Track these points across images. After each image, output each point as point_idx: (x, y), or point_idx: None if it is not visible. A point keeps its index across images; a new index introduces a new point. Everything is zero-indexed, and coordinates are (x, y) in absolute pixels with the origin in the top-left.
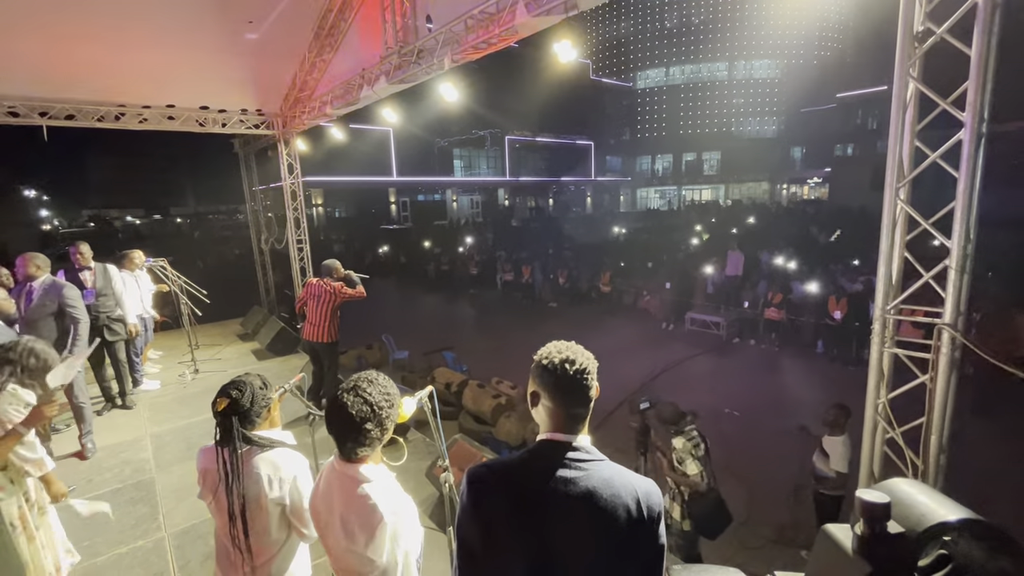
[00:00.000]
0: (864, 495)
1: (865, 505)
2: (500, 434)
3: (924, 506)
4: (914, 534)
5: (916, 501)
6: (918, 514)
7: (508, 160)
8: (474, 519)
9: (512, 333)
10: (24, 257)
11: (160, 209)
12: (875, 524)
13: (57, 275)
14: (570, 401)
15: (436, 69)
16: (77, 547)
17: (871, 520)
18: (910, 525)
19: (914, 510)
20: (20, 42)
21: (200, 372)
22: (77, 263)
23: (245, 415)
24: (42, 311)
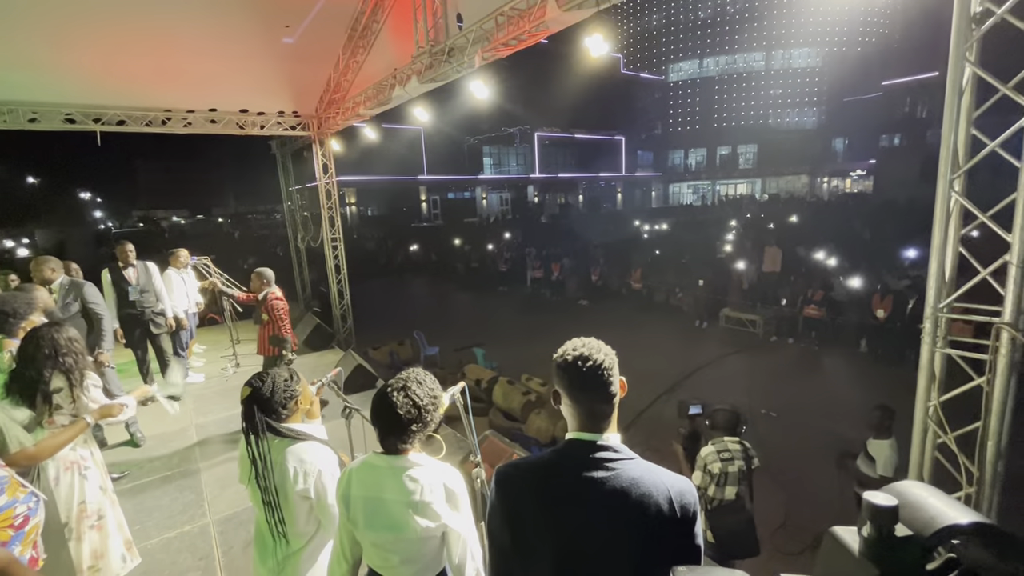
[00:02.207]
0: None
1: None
2: (530, 431)
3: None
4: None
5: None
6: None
7: (537, 157)
8: (503, 517)
9: (542, 330)
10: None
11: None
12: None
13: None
14: (588, 398)
15: (467, 67)
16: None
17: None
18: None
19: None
20: (77, 54)
21: (241, 366)
22: (123, 261)
23: (267, 404)
24: (67, 311)
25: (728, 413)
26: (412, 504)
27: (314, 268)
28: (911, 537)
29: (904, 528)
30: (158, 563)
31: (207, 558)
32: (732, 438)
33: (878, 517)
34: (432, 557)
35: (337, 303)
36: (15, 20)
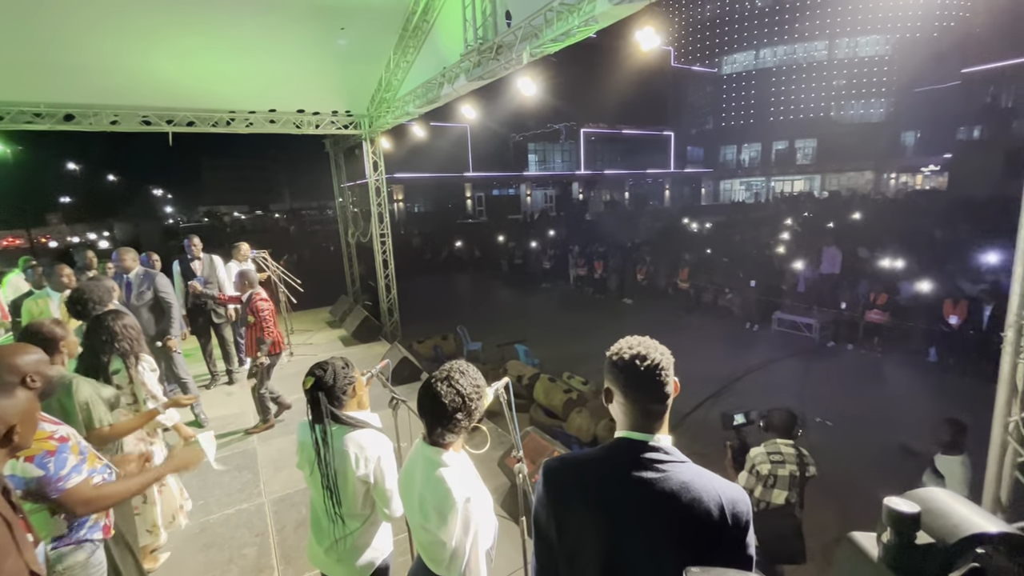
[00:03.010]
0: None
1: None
2: (571, 429)
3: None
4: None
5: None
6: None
7: (583, 153)
8: (549, 511)
9: (585, 329)
10: (121, 252)
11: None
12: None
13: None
14: (643, 398)
15: (515, 64)
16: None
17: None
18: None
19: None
20: (154, 59)
21: (294, 355)
22: (190, 253)
23: (330, 392)
24: (142, 299)
25: (784, 414)
26: (429, 501)
27: (363, 263)
28: (933, 545)
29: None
30: (219, 536)
31: (262, 535)
32: (786, 441)
33: (900, 523)
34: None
35: (384, 297)
36: (102, 31)
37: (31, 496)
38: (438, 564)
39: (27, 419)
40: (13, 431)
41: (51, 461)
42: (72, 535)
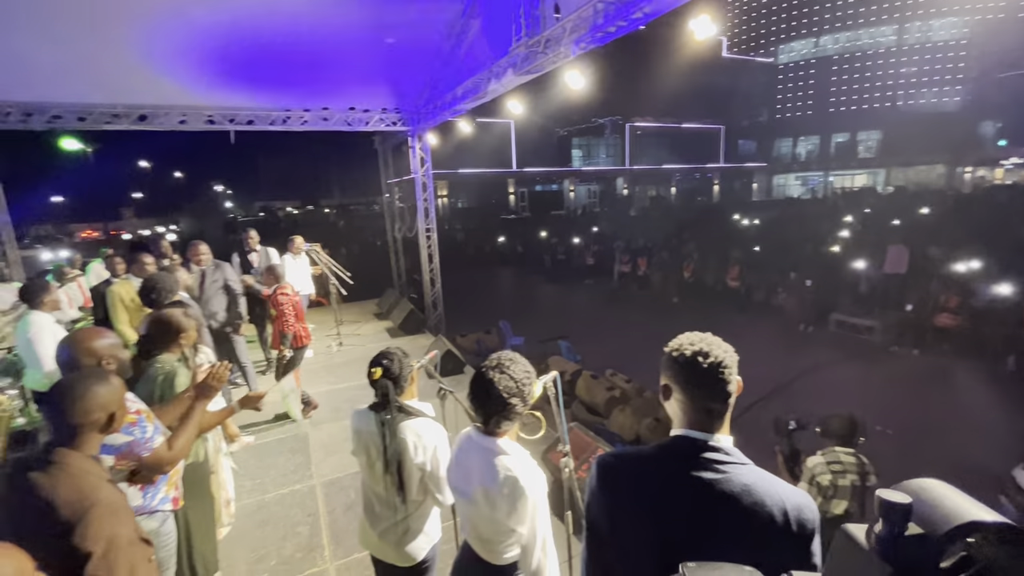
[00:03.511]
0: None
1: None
2: (613, 426)
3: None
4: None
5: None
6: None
7: (628, 148)
8: (602, 506)
9: (629, 326)
10: (195, 244)
11: (312, 201)
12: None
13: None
14: (704, 396)
15: (563, 57)
16: (251, 486)
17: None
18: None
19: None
20: (217, 61)
21: (344, 345)
22: (248, 246)
23: (396, 381)
24: (214, 287)
25: (845, 420)
26: (487, 489)
27: (408, 257)
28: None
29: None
30: (274, 515)
31: (314, 515)
32: (845, 449)
33: (891, 514)
34: (503, 545)
35: (429, 290)
36: (174, 37)
37: (124, 459)
38: (498, 554)
39: (123, 404)
40: (113, 417)
41: (135, 428)
42: (146, 505)
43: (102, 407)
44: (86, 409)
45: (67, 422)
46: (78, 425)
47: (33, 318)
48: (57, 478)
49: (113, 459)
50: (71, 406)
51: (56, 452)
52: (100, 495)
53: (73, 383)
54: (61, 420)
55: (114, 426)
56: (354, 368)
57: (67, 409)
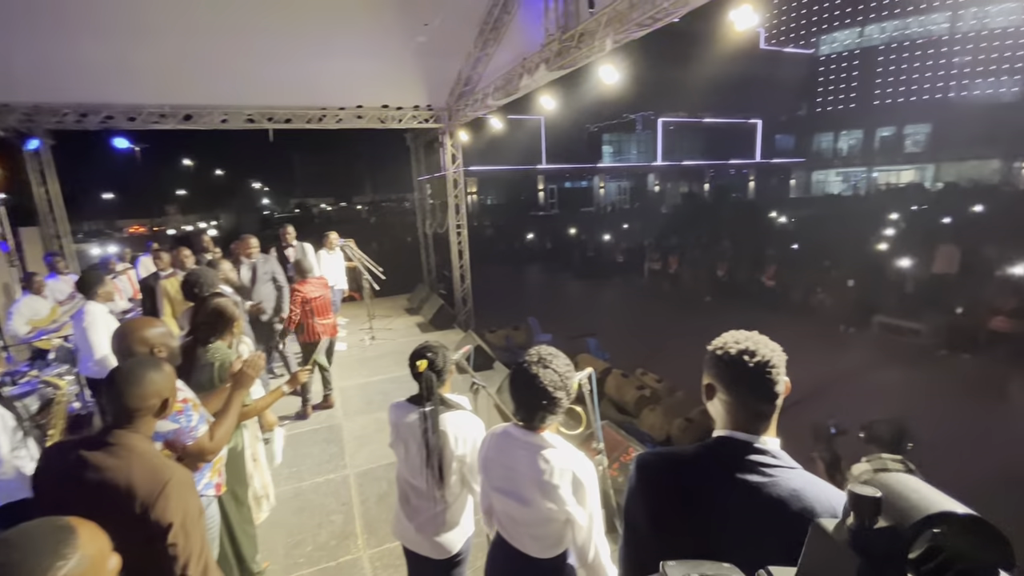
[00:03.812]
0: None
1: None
2: (643, 426)
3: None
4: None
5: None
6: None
7: (660, 143)
8: (642, 505)
9: (659, 325)
10: (245, 238)
11: (345, 198)
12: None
13: (269, 251)
14: (750, 397)
15: (597, 51)
16: (288, 473)
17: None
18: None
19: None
20: (258, 61)
21: (376, 339)
22: (284, 241)
23: (439, 374)
24: (264, 279)
25: (891, 426)
26: (540, 484)
27: (438, 253)
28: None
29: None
30: (310, 502)
31: (348, 504)
32: (893, 456)
33: (861, 507)
34: (555, 538)
35: (459, 286)
36: (218, 39)
37: (170, 446)
38: (551, 547)
39: (174, 391)
40: (167, 403)
41: (182, 417)
42: None
43: (157, 393)
44: (143, 394)
45: (125, 406)
46: (136, 409)
47: (88, 308)
48: (129, 460)
49: (160, 445)
50: (129, 391)
51: (116, 434)
52: (173, 471)
53: (131, 370)
54: (120, 404)
55: (167, 412)
56: (386, 362)
57: (125, 394)
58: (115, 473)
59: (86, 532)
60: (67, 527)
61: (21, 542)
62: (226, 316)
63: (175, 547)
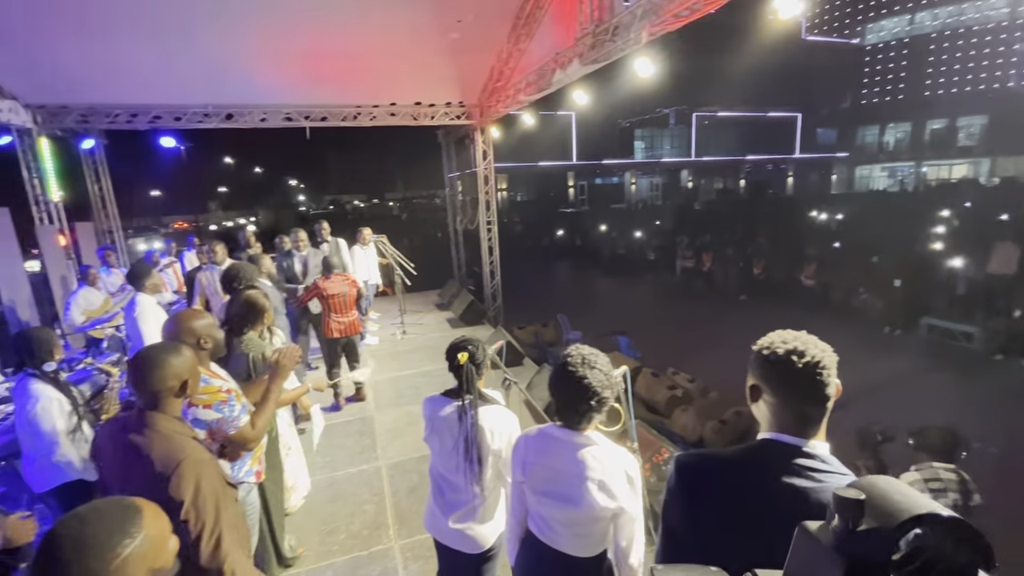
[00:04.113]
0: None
1: (840, 501)
2: (674, 426)
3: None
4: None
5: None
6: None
7: (694, 138)
8: (682, 508)
9: (692, 325)
10: (296, 231)
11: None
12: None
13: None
14: (799, 399)
15: (632, 44)
16: (323, 462)
17: (845, 516)
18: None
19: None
20: (296, 63)
21: (407, 334)
22: (320, 236)
23: (478, 367)
24: (315, 271)
25: (943, 433)
26: (593, 481)
27: (468, 249)
28: (877, 529)
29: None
30: (343, 492)
31: (379, 495)
32: (945, 465)
33: (845, 510)
34: (599, 537)
35: (488, 282)
36: (259, 40)
37: (213, 435)
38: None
39: (195, 373)
40: (186, 384)
41: (225, 407)
42: (234, 476)
43: (176, 375)
44: (162, 377)
45: (148, 388)
46: (157, 391)
47: (139, 299)
48: (151, 438)
49: (205, 433)
50: (149, 375)
51: (145, 415)
52: (187, 451)
53: (148, 355)
54: (143, 387)
55: (188, 392)
56: (417, 356)
57: (146, 377)
58: (140, 450)
59: (150, 513)
60: (134, 507)
61: (93, 518)
62: (257, 307)
63: (187, 523)
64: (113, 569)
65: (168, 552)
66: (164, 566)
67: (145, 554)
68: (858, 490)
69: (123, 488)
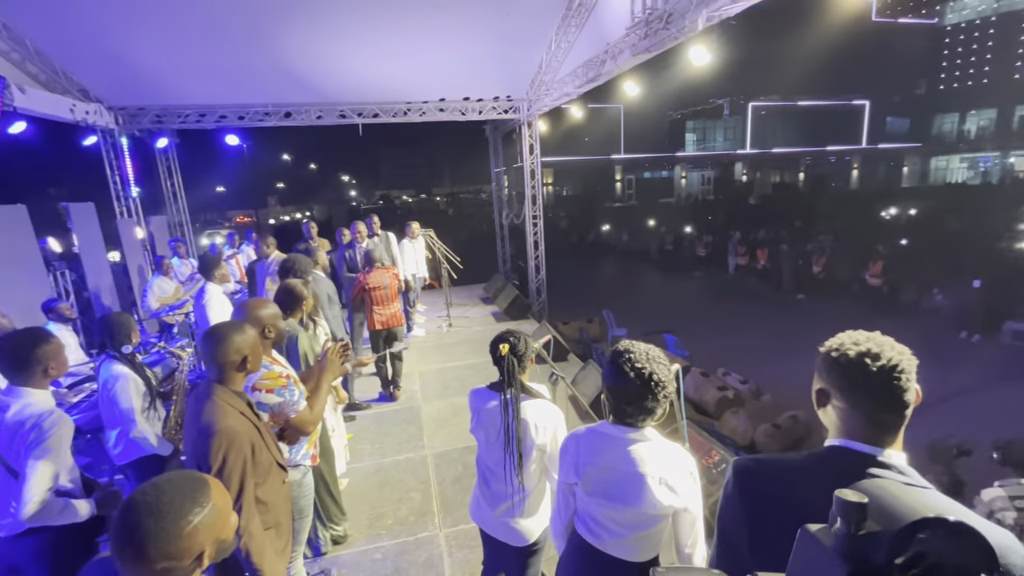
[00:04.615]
0: (842, 495)
1: (843, 504)
2: (724, 428)
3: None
4: (890, 533)
5: (894, 501)
6: (895, 513)
7: (750, 129)
8: (741, 515)
9: (744, 324)
10: (355, 224)
11: (425, 190)
12: (852, 523)
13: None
14: (873, 405)
15: (687, 32)
16: (371, 449)
17: (848, 519)
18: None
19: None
20: (349, 61)
21: (453, 327)
22: (371, 230)
23: (520, 360)
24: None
25: None
26: (654, 480)
27: (513, 243)
28: (880, 532)
29: (874, 524)
30: (391, 478)
31: (425, 483)
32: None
33: (848, 514)
34: (656, 539)
35: (533, 277)
36: (316, 42)
37: (275, 418)
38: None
39: (255, 351)
40: (246, 360)
41: (286, 391)
42: (292, 459)
43: (237, 351)
44: (225, 352)
45: (215, 361)
46: (222, 364)
47: (207, 288)
48: (206, 406)
49: (267, 416)
50: (216, 349)
51: (209, 386)
52: (225, 421)
53: (215, 331)
54: (210, 360)
55: (249, 367)
56: (463, 349)
57: (212, 352)
58: (197, 417)
59: (216, 486)
60: (203, 480)
61: (168, 487)
62: (295, 295)
63: None
64: (185, 535)
65: (230, 526)
66: (227, 538)
67: (212, 524)
68: (861, 493)
69: (188, 451)
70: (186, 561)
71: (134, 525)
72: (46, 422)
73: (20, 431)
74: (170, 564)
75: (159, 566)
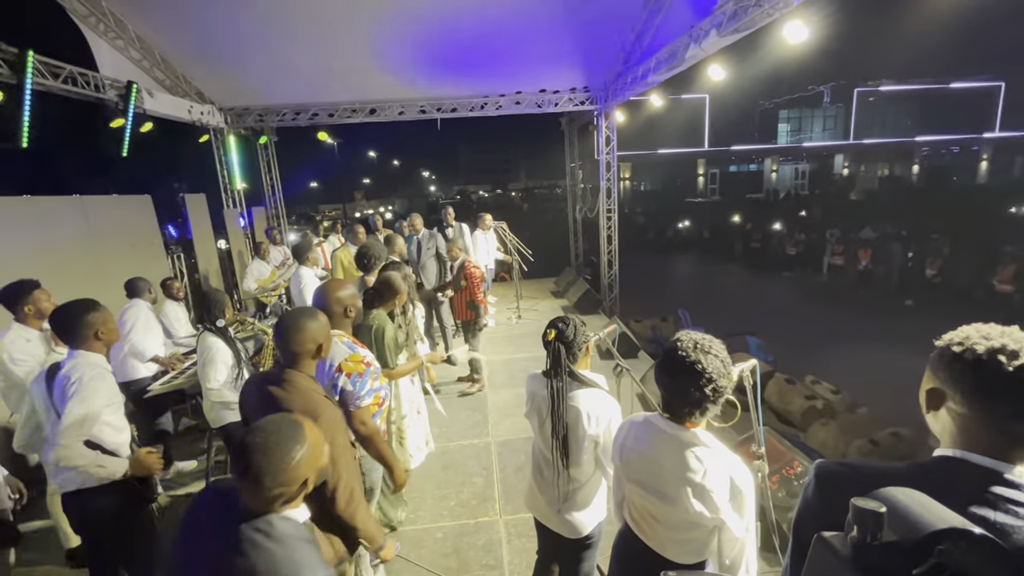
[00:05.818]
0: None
1: (859, 512)
2: (811, 441)
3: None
4: (909, 543)
5: (913, 510)
6: (914, 523)
7: (854, 118)
8: (819, 526)
9: (839, 329)
10: (411, 217)
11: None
12: (869, 532)
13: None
14: (1004, 413)
15: (782, 7)
16: (438, 432)
17: (865, 528)
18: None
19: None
20: (428, 57)
21: (522, 318)
22: (446, 221)
23: (568, 346)
24: (428, 254)
25: None
26: (691, 484)
27: (586, 238)
28: (897, 542)
29: (891, 533)
30: (455, 462)
31: (488, 469)
32: None
33: (864, 522)
34: (698, 545)
35: (606, 272)
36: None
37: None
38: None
39: (328, 338)
40: (320, 347)
41: (359, 381)
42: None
43: (312, 339)
44: (301, 339)
45: (289, 349)
46: (296, 352)
47: (301, 271)
48: (291, 392)
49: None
50: (291, 337)
51: (286, 372)
52: (325, 408)
53: (291, 319)
54: (285, 348)
55: (322, 354)
56: (530, 340)
57: (288, 339)
58: (281, 404)
59: (309, 425)
60: (298, 422)
61: (272, 429)
62: (392, 287)
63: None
64: (291, 468)
65: (325, 455)
66: (323, 466)
67: (311, 458)
68: (878, 502)
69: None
70: (294, 487)
71: (250, 464)
72: (86, 375)
73: (67, 384)
74: (281, 491)
75: (273, 492)
